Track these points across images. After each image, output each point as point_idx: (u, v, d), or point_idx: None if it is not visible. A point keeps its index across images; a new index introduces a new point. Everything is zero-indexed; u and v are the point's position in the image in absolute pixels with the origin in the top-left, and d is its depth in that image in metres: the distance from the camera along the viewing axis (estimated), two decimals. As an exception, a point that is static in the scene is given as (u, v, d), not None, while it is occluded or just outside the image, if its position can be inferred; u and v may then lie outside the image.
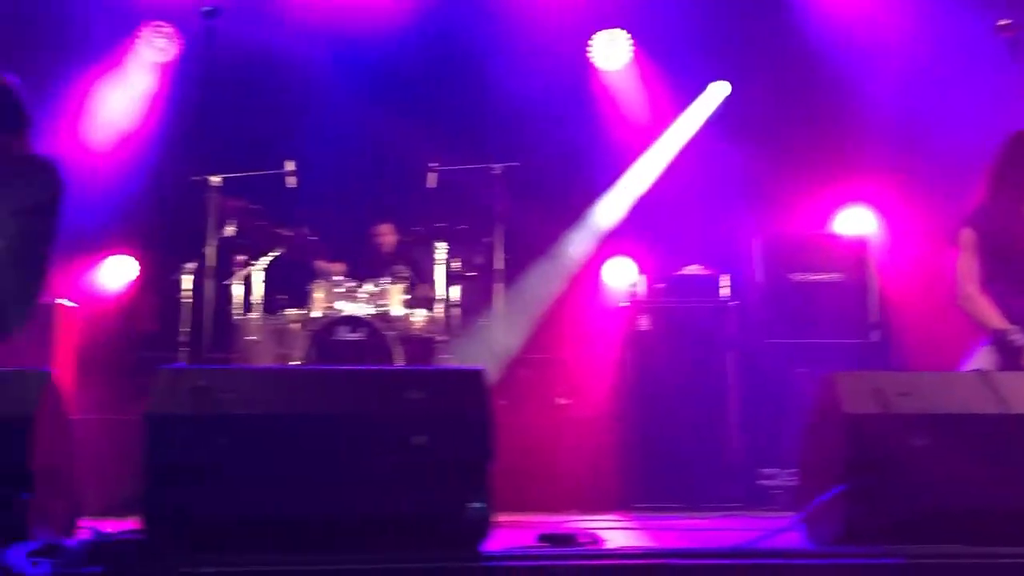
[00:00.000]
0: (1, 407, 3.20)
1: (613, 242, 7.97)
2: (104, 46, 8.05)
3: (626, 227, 7.92)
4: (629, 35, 8.25)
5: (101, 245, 8.08)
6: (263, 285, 7.01)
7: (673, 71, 8.14)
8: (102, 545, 3.11)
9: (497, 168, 6.98)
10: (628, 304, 6.60)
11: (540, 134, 7.84)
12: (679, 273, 6.85)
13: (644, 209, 7.88)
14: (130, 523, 3.33)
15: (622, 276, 7.82)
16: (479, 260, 7.21)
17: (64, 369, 6.34)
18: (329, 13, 7.97)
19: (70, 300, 6.92)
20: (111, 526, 3.43)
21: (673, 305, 6.60)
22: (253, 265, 7.03)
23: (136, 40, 8.17)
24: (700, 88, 8.04)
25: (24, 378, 3.35)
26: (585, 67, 8.28)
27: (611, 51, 8.29)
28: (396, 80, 8.03)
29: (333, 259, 7.37)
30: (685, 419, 6.31)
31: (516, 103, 7.71)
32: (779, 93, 7.82)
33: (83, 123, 8.08)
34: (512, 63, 7.83)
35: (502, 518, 3.37)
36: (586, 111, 8.16)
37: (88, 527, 3.43)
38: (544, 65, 7.92)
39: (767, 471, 6.20)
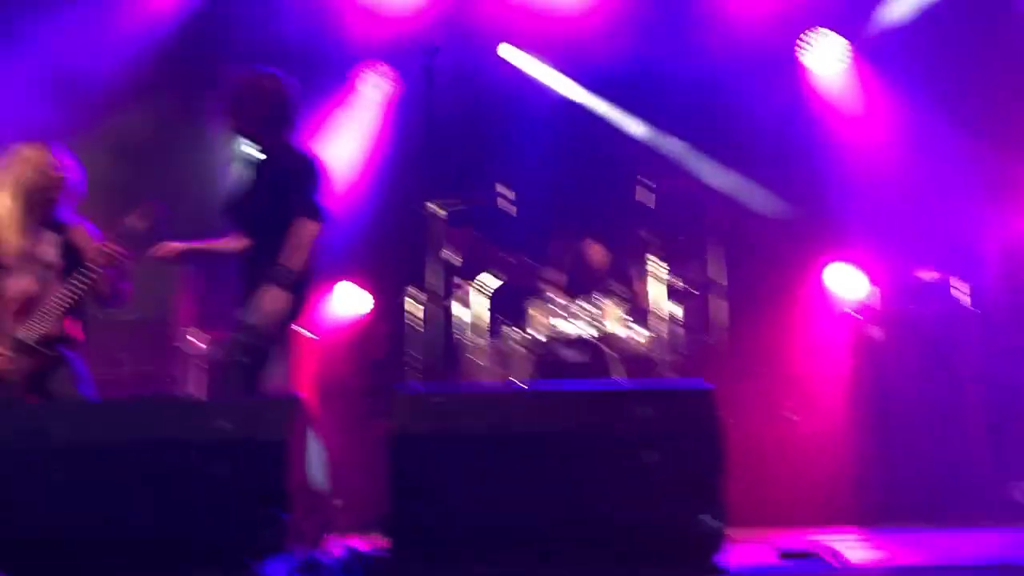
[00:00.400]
0: (258, 431, 3.41)
1: (839, 249, 7.71)
2: (331, 86, 8.49)
3: (852, 232, 7.63)
4: (843, 35, 8.01)
5: (333, 274, 8.48)
6: (484, 308, 7.18)
7: (894, 65, 7.82)
8: (354, 560, 3.27)
9: (713, 178, 6.89)
10: (858, 313, 6.38)
11: (755, 141, 7.68)
12: (913, 278, 6.55)
13: (871, 212, 7.56)
14: (375, 540, 3.48)
15: (850, 284, 7.54)
16: (698, 274, 7.13)
17: (305, 395, 6.68)
18: (536, 37, 8.09)
19: (307, 329, 7.31)
20: (358, 543, 3.58)
21: (908, 312, 6.33)
22: (474, 289, 7.22)
23: (359, 79, 8.58)
24: (925, 83, 7.67)
25: (276, 403, 3.56)
26: (798, 69, 8.07)
27: (825, 51, 8.06)
28: (605, 94, 8.05)
29: (551, 279, 7.46)
30: (925, 431, 6.03)
31: (728, 110, 7.57)
32: (1015, 84, 7.37)
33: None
34: (722, 69, 7.71)
35: (735, 534, 3.32)
36: (802, 114, 7.94)
37: (339, 543, 3.60)
38: (756, 69, 7.75)
39: (1020, 484, 5.83)
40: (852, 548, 4.28)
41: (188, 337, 7.06)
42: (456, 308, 7.22)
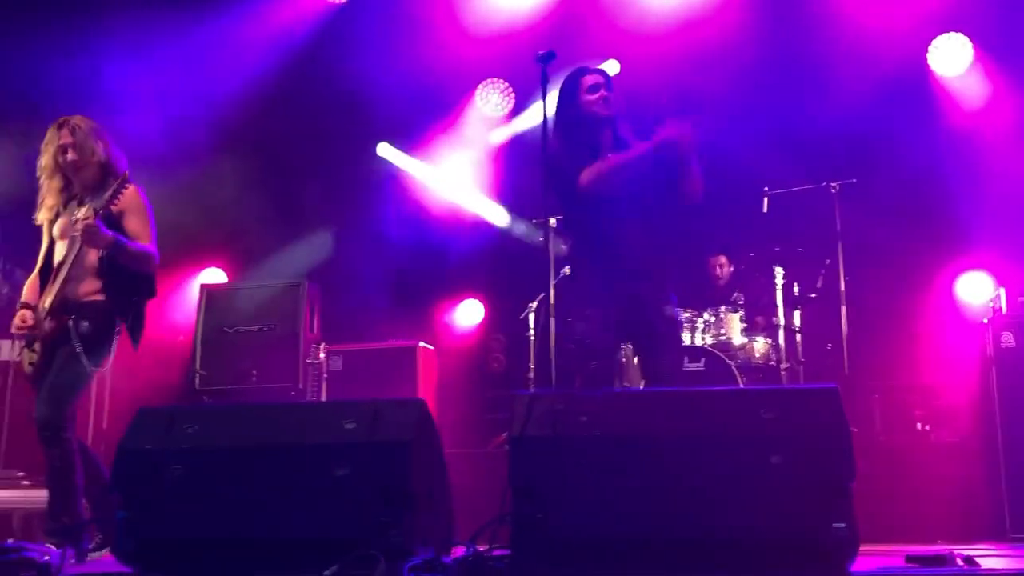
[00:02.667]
0: (383, 433, 3.47)
1: (967, 255, 7.46)
2: (445, 107, 8.62)
3: (980, 238, 7.37)
4: (969, 38, 7.78)
5: (454, 290, 8.61)
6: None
7: (1019, 70, 7.56)
8: (476, 561, 3.29)
9: (834, 186, 6.76)
10: (989, 320, 6.15)
11: (878, 147, 7.49)
12: (1045, 284, 6.31)
13: (1000, 217, 7.30)
14: (496, 542, 3.50)
15: (979, 291, 7.30)
16: (820, 283, 7.01)
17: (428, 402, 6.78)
18: (648, 43, 8.01)
19: (427, 343, 7.43)
20: (479, 544, 3.60)
21: (1040, 318, 6.08)
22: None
23: (473, 98, 8.70)
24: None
25: (401, 406, 3.61)
26: (923, 74, 7.86)
27: (951, 56, 7.85)
28: (726, 102, 7.94)
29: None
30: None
31: (850, 116, 7.39)
32: None
33: (432, 178, 8.69)
34: (842, 74, 7.54)
35: (865, 547, 3.23)
36: (926, 119, 7.71)
37: (462, 545, 3.63)
38: (878, 74, 7.57)
39: None
40: (986, 557, 4.12)
41: (315, 351, 7.23)
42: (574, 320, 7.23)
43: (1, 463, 6.46)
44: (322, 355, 7.23)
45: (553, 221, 6.86)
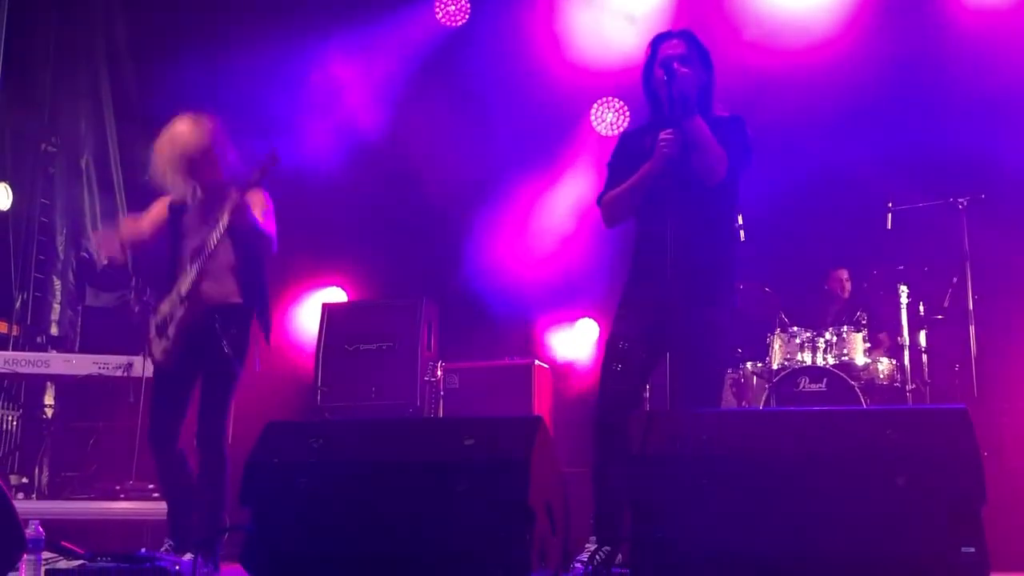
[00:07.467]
0: (501, 449, 3.50)
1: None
2: (560, 128, 8.65)
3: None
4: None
5: (570, 309, 8.61)
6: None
7: None
8: (596, 577, 3.30)
9: (962, 202, 6.57)
10: None
11: (1008, 160, 7.23)
12: None
13: None
14: (614, 559, 3.49)
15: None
16: (947, 302, 6.81)
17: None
18: (772, 57, 7.89)
19: (542, 361, 7.47)
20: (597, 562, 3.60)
21: None
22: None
23: (593, 116, 8.70)
24: None
25: (519, 423, 3.65)
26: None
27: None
28: (848, 117, 7.77)
29: (788, 309, 7.29)
30: None
31: (978, 129, 7.16)
32: None
33: (551, 199, 8.73)
34: (970, 87, 7.32)
35: (995, 575, 3.12)
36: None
37: (580, 562, 3.64)
38: (1006, 86, 7.32)
39: None
40: None
41: (432, 368, 7.33)
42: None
43: (135, 476, 6.71)
44: (439, 373, 7.33)
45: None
